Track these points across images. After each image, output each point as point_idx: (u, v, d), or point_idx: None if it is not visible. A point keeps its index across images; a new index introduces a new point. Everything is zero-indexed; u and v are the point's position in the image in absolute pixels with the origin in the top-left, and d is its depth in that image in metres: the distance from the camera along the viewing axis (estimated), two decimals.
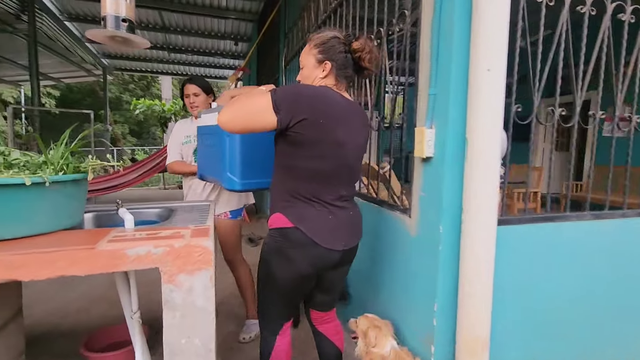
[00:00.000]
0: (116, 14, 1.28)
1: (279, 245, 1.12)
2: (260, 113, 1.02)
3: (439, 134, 1.22)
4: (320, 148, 1.07)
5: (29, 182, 0.87)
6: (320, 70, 1.16)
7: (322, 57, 1.15)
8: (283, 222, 1.11)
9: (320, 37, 1.17)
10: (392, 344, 1.30)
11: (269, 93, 1.03)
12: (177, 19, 6.59)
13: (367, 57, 1.15)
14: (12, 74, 8.56)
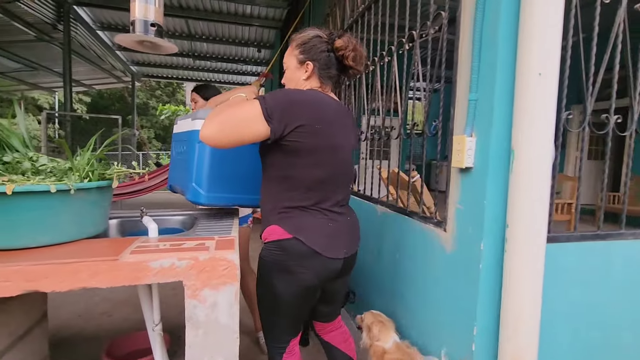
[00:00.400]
0: (145, 19, 1.27)
1: (278, 258, 1.04)
2: (250, 123, 0.94)
3: (481, 143, 1.12)
4: (317, 154, 1.02)
5: (54, 189, 0.85)
6: (303, 71, 1.11)
7: (303, 57, 1.10)
8: (280, 233, 1.04)
9: (302, 37, 1.12)
10: (394, 338, 1.37)
11: (257, 101, 0.95)
12: (203, 27, 6.73)
13: (350, 55, 1.09)
14: (47, 80, 8.99)
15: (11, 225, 0.84)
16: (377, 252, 1.93)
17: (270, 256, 1.05)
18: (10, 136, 1.05)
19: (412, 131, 1.61)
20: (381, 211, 1.89)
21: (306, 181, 1.03)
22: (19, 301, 1.26)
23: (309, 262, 1.03)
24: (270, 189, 1.08)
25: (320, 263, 1.05)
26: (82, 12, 6.06)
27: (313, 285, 1.07)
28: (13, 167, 0.95)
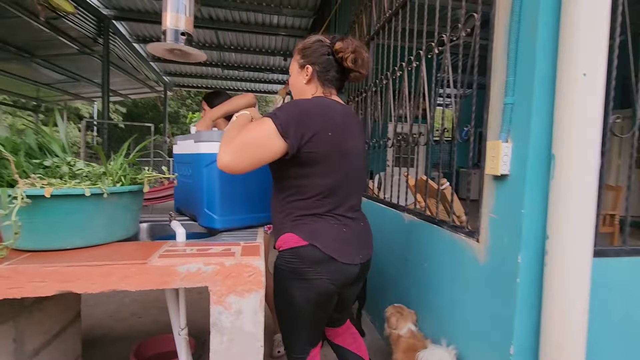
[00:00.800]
0: (176, 28, 1.31)
1: (294, 266, 1.03)
2: (268, 144, 0.94)
3: (518, 149, 1.06)
4: (330, 162, 1.02)
5: (89, 192, 0.87)
6: (303, 75, 1.12)
7: (303, 61, 1.12)
8: (295, 241, 1.03)
9: (304, 42, 1.15)
10: (409, 326, 1.52)
11: (269, 119, 0.95)
12: (232, 38, 6.93)
13: (349, 57, 1.08)
14: (88, 91, 9.55)
15: (49, 227, 0.87)
16: (404, 260, 1.87)
17: (286, 264, 1.04)
18: (51, 142, 1.10)
19: (441, 137, 1.55)
20: (408, 219, 1.84)
21: (319, 189, 1.03)
22: (55, 301, 1.31)
23: (325, 268, 1.02)
24: (283, 199, 1.07)
25: (336, 269, 1.03)
26: (120, 27, 6.42)
27: (329, 292, 1.05)
28: (52, 171, 1.00)
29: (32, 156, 1.04)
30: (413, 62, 1.85)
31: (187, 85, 11.05)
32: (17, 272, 0.77)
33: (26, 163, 0.96)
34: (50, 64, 6.97)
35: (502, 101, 1.12)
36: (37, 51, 6.34)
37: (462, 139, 1.38)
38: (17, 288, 0.78)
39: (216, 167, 1.15)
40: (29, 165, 0.96)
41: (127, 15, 5.91)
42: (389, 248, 2.09)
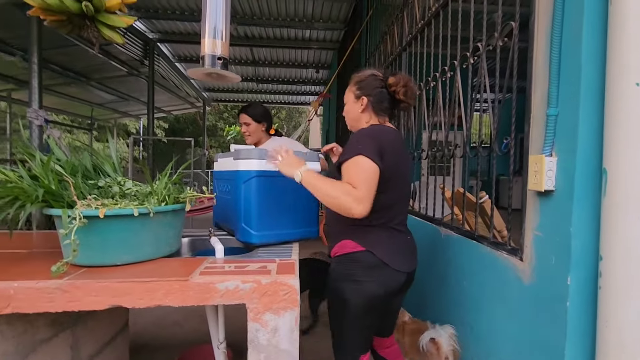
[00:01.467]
0: (213, 53, 1.38)
1: (350, 270, 1.16)
2: (375, 177, 1.08)
3: (564, 163, 1.00)
4: (392, 180, 1.15)
5: (137, 212, 0.93)
6: (359, 105, 1.26)
7: (359, 93, 1.26)
8: (352, 246, 1.16)
9: (359, 75, 1.29)
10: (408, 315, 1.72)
11: (362, 156, 1.07)
12: (265, 53, 7.18)
13: (401, 91, 1.22)
14: (135, 109, 10.25)
15: (102, 245, 0.95)
16: (441, 277, 1.81)
17: (341, 269, 1.18)
18: (104, 163, 1.20)
19: (478, 148, 1.50)
20: (445, 233, 1.78)
21: (380, 203, 1.12)
22: (107, 311, 1.41)
23: (377, 272, 1.15)
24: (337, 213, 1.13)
25: (387, 274, 1.15)
26: (164, 48, 6.87)
27: (379, 296, 1.16)
28: (105, 191, 1.08)
29: (88, 177, 1.14)
30: (447, 72, 1.81)
31: (224, 100, 11.53)
32: (75, 287, 0.84)
33: (83, 184, 1.04)
34: (103, 86, 7.57)
35: (544, 112, 1.06)
36: (92, 75, 6.94)
37: (502, 152, 1.32)
38: (75, 302, 0.84)
39: (254, 183, 1.20)
40: (85, 186, 1.05)
41: (170, 38, 6.32)
42: (425, 263, 2.03)
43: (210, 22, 1.43)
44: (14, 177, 0.95)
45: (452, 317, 1.68)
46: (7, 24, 4.62)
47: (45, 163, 0.99)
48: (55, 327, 1.11)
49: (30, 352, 1.02)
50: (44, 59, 4.04)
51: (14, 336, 0.96)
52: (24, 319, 0.97)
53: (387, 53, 3.08)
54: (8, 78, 6.35)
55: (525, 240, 1.17)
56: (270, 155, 1.20)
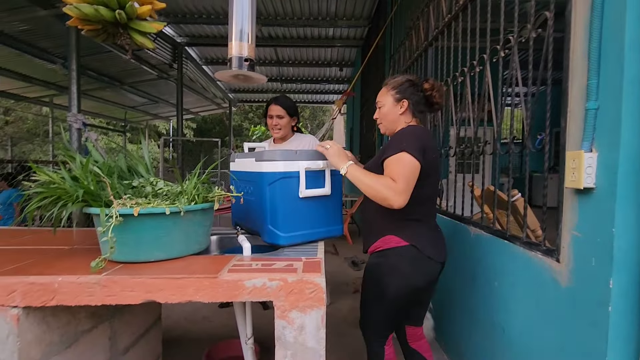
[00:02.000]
0: (240, 55, 1.41)
1: (395, 263, 1.28)
2: (416, 173, 1.18)
3: (605, 159, 0.94)
4: (430, 176, 1.26)
5: (168, 211, 0.97)
6: (399, 107, 1.36)
7: (399, 96, 1.36)
8: (397, 241, 1.28)
9: (396, 81, 1.38)
10: None
11: (405, 154, 1.17)
12: (289, 53, 7.23)
13: (437, 95, 1.36)
14: (165, 111, 10.64)
15: (136, 242, 0.99)
16: (470, 277, 1.76)
17: (386, 262, 1.29)
18: (138, 164, 1.26)
19: (510, 145, 1.44)
20: (475, 233, 1.72)
21: (420, 198, 1.25)
22: (141, 305, 1.47)
23: (420, 265, 1.27)
24: (380, 209, 1.24)
25: (429, 266, 1.29)
26: (192, 51, 7.08)
27: (421, 287, 1.30)
28: (139, 190, 1.13)
29: (123, 177, 1.19)
30: (476, 66, 1.75)
31: (250, 100, 11.74)
32: (112, 281, 0.89)
33: (118, 184, 1.10)
34: (135, 89, 7.92)
35: (583, 106, 1.01)
36: (125, 79, 7.27)
37: (536, 149, 1.26)
38: (113, 296, 0.89)
39: (279, 186, 1.21)
40: (121, 186, 1.10)
41: (197, 41, 6.50)
42: (453, 262, 1.98)
43: (237, 24, 1.46)
44: (57, 178, 1.02)
45: (481, 317, 1.63)
46: (49, 34, 4.93)
47: (84, 165, 1.04)
48: (95, 319, 1.18)
49: (73, 342, 1.09)
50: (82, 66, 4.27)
51: (58, 327, 1.02)
52: (67, 311, 1.04)
53: (413, 49, 3.02)
54: (50, 84, 6.77)
55: (562, 241, 1.11)
56: (319, 144, 1.32)
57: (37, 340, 0.94)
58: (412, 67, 3.01)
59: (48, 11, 4.15)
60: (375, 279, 1.32)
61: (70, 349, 1.07)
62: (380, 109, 1.41)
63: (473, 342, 1.72)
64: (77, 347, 1.10)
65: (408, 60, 3.16)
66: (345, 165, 1.24)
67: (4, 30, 4.75)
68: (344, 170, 1.24)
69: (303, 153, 1.29)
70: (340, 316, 2.63)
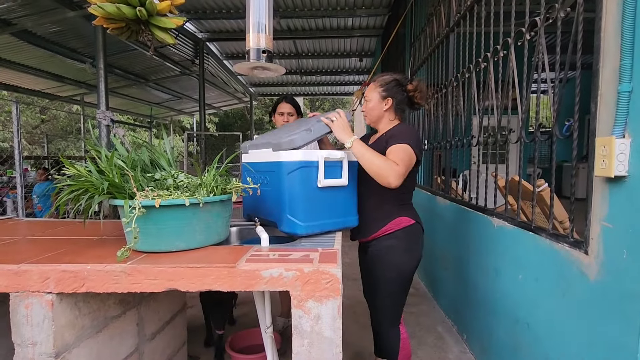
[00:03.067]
0: (257, 47, 1.41)
1: (407, 242, 1.41)
2: (412, 163, 1.31)
3: (639, 146, 0.89)
4: (415, 168, 1.39)
5: (188, 202, 1.00)
6: (384, 104, 1.48)
7: (385, 94, 1.47)
8: (407, 221, 1.43)
9: (384, 79, 1.49)
10: None
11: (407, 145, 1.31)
12: (308, 45, 7.19)
13: (418, 95, 1.49)
14: (189, 106, 10.90)
15: (158, 232, 1.02)
16: (493, 270, 1.71)
17: (400, 243, 1.40)
18: (160, 157, 1.29)
19: (536, 132, 1.37)
20: (497, 224, 1.67)
21: (411, 186, 1.47)
22: (166, 293, 1.53)
23: (422, 240, 1.46)
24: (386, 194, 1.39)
25: (423, 240, 1.48)
26: (212, 47, 7.17)
27: (420, 258, 1.46)
28: (161, 183, 1.17)
29: (146, 170, 1.23)
30: (500, 51, 1.68)
31: (270, 94, 11.80)
32: (137, 270, 0.93)
33: (142, 177, 1.14)
34: (160, 86, 8.14)
35: (615, 89, 0.95)
36: (149, 76, 7.49)
37: (564, 135, 1.20)
38: (137, 284, 0.93)
39: (297, 175, 1.22)
40: (144, 179, 1.14)
41: (218, 36, 6.57)
42: (475, 256, 1.93)
43: (254, 16, 1.46)
44: (84, 171, 1.06)
45: (505, 312, 1.59)
46: (78, 34, 5.13)
47: (109, 159, 1.09)
48: (123, 306, 1.24)
49: (104, 327, 1.15)
50: (109, 64, 4.43)
51: (89, 312, 1.08)
52: (97, 297, 1.09)
53: (434, 35, 2.93)
54: (80, 83, 7.07)
55: (591, 232, 1.06)
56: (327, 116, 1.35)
57: (70, 324, 1.00)
58: (433, 54, 2.92)
59: (76, 12, 4.32)
60: (390, 260, 1.40)
61: (101, 333, 1.13)
62: (367, 103, 1.52)
63: (496, 337, 1.68)
64: (107, 332, 1.16)
65: (429, 48, 3.07)
66: (351, 139, 1.30)
67: (37, 33, 4.98)
68: (349, 143, 1.30)
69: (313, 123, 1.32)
70: None
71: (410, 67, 3.93)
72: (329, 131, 1.34)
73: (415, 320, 2.40)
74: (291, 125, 1.62)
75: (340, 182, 1.28)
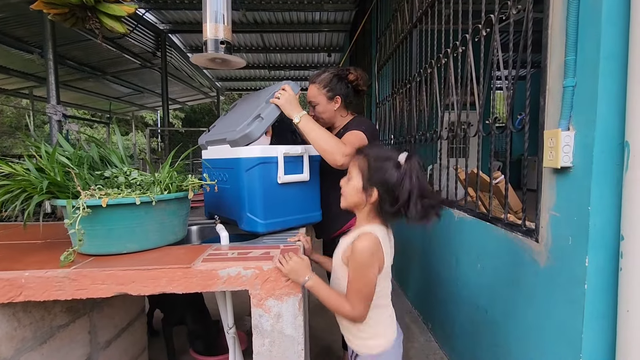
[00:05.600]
0: (215, 38, 1.36)
1: None
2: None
3: (582, 138, 0.93)
4: None
5: (139, 201, 0.94)
6: (333, 103, 1.46)
7: (331, 94, 1.45)
8: None
9: (324, 78, 1.45)
10: None
11: (361, 132, 1.33)
12: (276, 39, 7.08)
13: (361, 83, 1.48)
14: (151, 101, 10.40)
15: (107, 234, 0.96)
16: (455, 261, 1.77)
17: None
18: (111, 154, 1.21)
19: (492, 126, 1.43)
20: (458, 216, 1.73)
21: None
22: (121, 297, 1.45)
23: None
24: None
25: None
26: (175, 39, 6.87)
27: None
28: (111, 181, 1.09)
29: (95, 168, 1.15)
30: (459, 47, 1.73)
31: (237, 88, 11.54)
32: (82, 275, 0.86)
33: (88, 175, 1.06)
34: (119, 79, 7.69)
35: (561, 83, 0.99)
36: (107, 69, 7.05)
37: (517, 129, 1.25)
38: (83, 289, 0.86)
39: (257, 171, 1.18)
40: (91, 177, 1.06)
41: (181, 28, 6.31)
42: (438, 247, 1.99)
43: (212, 6, 1.40)
44: (21, 170, 0.97)
45: (465, 299, 1.65)
46: (23, 21, 4.72)
47: (50, 155, 1.00)
48: (72, 314, 1.15)
49: (49, 338, 1.06)
50: (60, 55, 4.11)
51: (31, 322, 0.99)
52: (40, 306, 1.01)
53: (398, 31, 2.97)
54: (28, 75, 6.54)
55: (540, 221, 1.11)
56: (274, 97, 1.27)
57: (7, 337, 0.91)
58: (398, 50, 2.96)
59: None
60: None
61: (46, 344, 1.05)
62: (315, 107, 1.48)
63: (458, 324, 1.74)
64: (53, 342, 1.07)
65: (394, 44, 3.11)
66: (299, 114, 1.24)
67: None
68: (297, 118, 1.24)
69: (263, 107, 1.27)
70: None
71: (376, 62, 3.96)
72: (280, 112, 1.27)
73: None
74: (242, 107, 1.55)
75: (301, 178, 1.26)
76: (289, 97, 1.26)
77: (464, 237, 1.68)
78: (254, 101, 1.43)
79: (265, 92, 1.39)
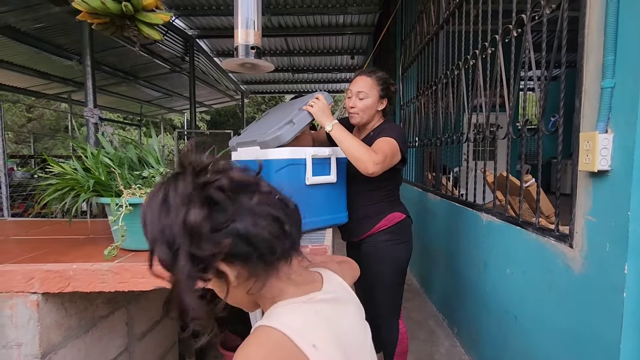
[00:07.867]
0: (246, 43, 1.40)
1: (401, 235, 1.45)
2: (394, 157, 1.31)
3: (621, 140, 0.90)
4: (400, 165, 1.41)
5: None
6: (380, 103, 1.46)
7: (383, 94, 1.45)
8: (399, 216, 1.46)
9: (381, 76, 1.46)
10: None
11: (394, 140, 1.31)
12: (300, 42, 7.16)
13: (393, 96, 1.52)
14: (179, 104, 10.77)
15: None
16: (482, 265, 1.73)
17: (396, 236, 1.43)
18: (148, 155, 1.28)
19: (523, 129, 1.39)
20: (486, 220, 1.69)
21: (396, 183, 1.52)
22: (157, 292, 1.52)
23: (411, 230, 1.51)
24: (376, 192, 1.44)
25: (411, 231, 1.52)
26: (203, 44, 7.10)
27: None
28: (149, 181, 1.15)
29: (133, 168, 1.22)
30: (488, 48, 1.70)
31: (262, 91, 11.74)
32: (124, 269, 0.92)
33: (129, 175, 1.12)
34: (149, 84, 8.02)
35: (599, 85, 0.96)
36: (139, 74, 7.37)
37: (549, 131, 1.22)
38: (124, 283, 0.92)
39: (286, 172, 1.21)
40: (131, 176, 1.13)
41: (208, 33, 6.51)
42: (465, 250, 1.96)
43: (243, 12, 1.45)
44: (69, 169, 1.05)
45: (493, 305, 1.61)
46: (64, 30, 5.02)
47: (95, 156, 1.07)
48: (111, 305, 1.22)
49: (92, 327, 1.13)
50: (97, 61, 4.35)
51: (76, 312, 1.06)
52: (84, 297, 1.08)
53: (424, 33, 2.94)
54: (67, 81, 6.94)
55: (575, 226, 1.08)
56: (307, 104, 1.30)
57: (56, 324, 0.98)
58: (423, 51, 2.94)
59: (61, 8, 4.22)
60: (387, 255, 1.43)
61: (89, 333, 1.12)
62: (363, 100, 1.42)
63: (485, 329, 1.70)
64: (95, 331, 1.14)
65: (419, 45, 3.08)
66: (331, 122, 1.27)
67: (21, 29, 4.87)
68: (329, 127, 1.27)
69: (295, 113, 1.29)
70: None
71: (401, 65, 3.94)
72: (312, 119, 1.30)
73: (407, 315, 2.42)
74: (275, 114, 1.60)
75: (328, 179, 1.28)
76: (322, 106, 1.29)
77: (492, 241, 1.64)
78: (287, 108, 1.47)
79: (299, 101, 1.43)
